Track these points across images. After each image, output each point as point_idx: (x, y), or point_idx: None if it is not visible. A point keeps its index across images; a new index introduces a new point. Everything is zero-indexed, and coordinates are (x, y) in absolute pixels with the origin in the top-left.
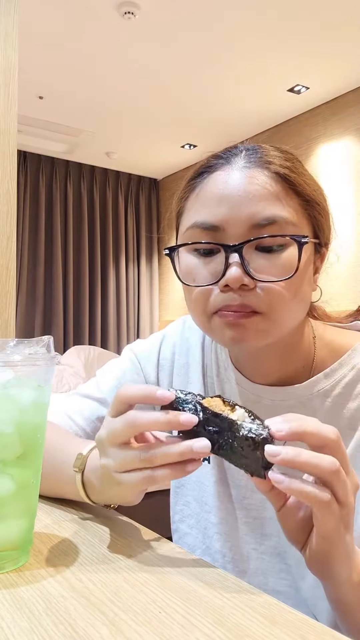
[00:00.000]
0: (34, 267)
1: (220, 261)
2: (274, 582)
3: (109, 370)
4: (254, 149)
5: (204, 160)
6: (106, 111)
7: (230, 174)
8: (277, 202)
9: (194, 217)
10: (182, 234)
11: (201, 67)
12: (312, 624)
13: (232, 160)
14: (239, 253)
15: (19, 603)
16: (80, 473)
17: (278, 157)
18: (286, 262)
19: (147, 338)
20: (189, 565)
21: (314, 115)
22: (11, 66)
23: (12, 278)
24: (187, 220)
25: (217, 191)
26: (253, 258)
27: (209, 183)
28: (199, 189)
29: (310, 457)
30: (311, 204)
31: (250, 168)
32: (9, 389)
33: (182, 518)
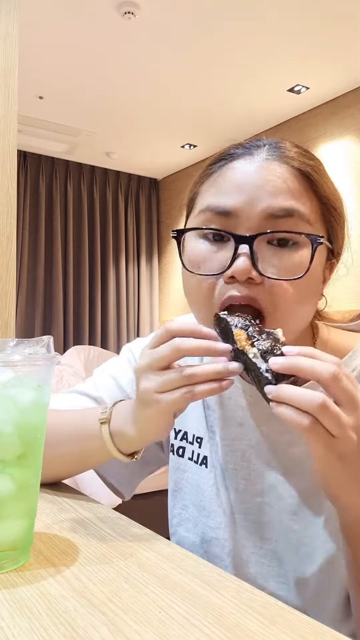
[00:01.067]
0: (34, 267)
1: (229, 250)
2: (274, 586)
3: (107, 369)
4: (277, 144)
5: (225, 149)
6: (106, 111)
7: (251, 164)
8: (296, 197)
9: (207, 200)
10: (194, 217)
11: (201, 67)
12: (312, 624)
13: (254, 151)
14: (249, 245)
15: (19, 603)
16: (107, 424)
17: (301, 154)
18: (297, 261)
19: (146, 338)
20: (189, 565)
21: (314, 115)
22: (11, 66)
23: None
24: (200, 203)
25: (235, 178)
26: (264, 252)
27: (228, 170)
28: (217, 174)
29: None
30: (328, 207)
31: (272, 161)
32: (9, 389)
33: (180, 522)
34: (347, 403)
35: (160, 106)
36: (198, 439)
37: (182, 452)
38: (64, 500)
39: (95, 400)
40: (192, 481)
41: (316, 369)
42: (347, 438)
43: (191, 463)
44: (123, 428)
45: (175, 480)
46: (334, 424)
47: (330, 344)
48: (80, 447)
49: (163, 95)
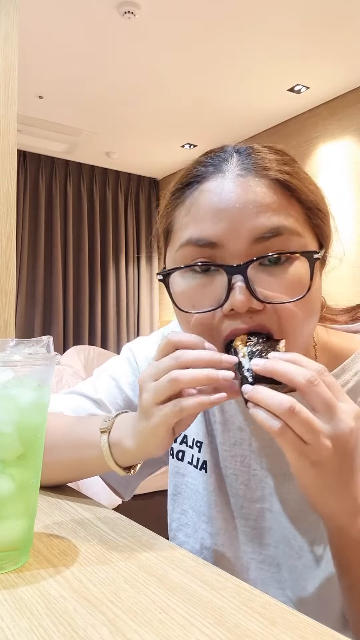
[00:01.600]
0: (34, 267)
1: (222, 282)
2: (273, 592)
3: (107, 370)
4: (246, 152)
5: (189, 168)
6: (106, 111)
7: (224, 184)
8: (280, 211)
9: (187, 233)
10: (175, 253)
11: (201, 67)
12: (312, 624)
13: (223, 167)
14: (242, 274)
15: (19, 603)
16: (107, 433)
17: (275, 160)
18: (295, 278)
19: (148, 337)
20: (189, 566)
21: (314, 115)
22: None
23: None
24: (179, 237)
25: (212, 204)
26: (258, 275)
27: (200, 195)
28: (190, 202)
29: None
30: (314, 211)
31: (245, 176)
32: (9, 389)
33: (179, 527)
34: (324, 410)
35: (160, 106)
36: (198, 443)
37: (182, 456)
38: (63, 500)
39: (94, 402)
40: (192, 486)
41: (290, 373)
42: (320, 445)
43: (191, 467)
44: (123, 439)
45: (175, 484)
46: (305, 430)
47: (330, 346)
48: (78, 454)
49: (163, 95)
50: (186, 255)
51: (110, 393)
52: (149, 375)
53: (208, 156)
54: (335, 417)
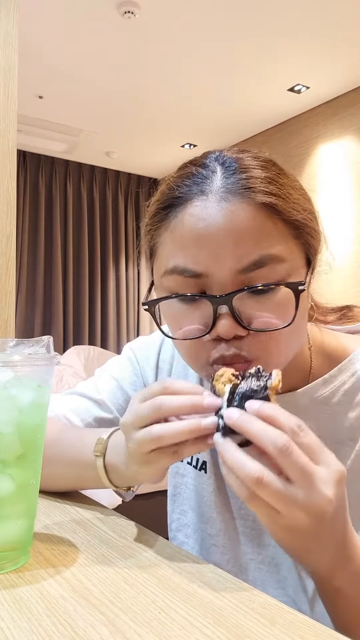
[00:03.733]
0: (34, 267)
1: (208, 309)
2: (272, 592)
3: (108, 370)
4: (231, 168)
5: (170, 185)
6: (106, 111)
7: (207, 209)
8: (264, 239)
9: (172, 260)
10: (160, 278)
11: (201, 67)
12: (312, 624)
13: (206, 187)
14: (228, 305)
15: (19, 603)
16: (102, 457)
17: (260, 179)
18: (281, 305)
19: (149, 337)
20: (189, 566)
21: (314, 115)
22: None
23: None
24: (163, 261)
25: (195, 231)
26: (244, 303)
27: (184, 219)
28: (174, 225)
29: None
30: (301, 229)
31: (228, 200)
32: (9, 389)
33: (179, 527)
34: (298, 479)
35: (160, 106)
36: None
37: None
38: (63, 500)
39: (96, 402)
40: (191, 486)
41: (264, 439)
42: (294, 515)
43: (190, 468)
44: (118, 465)
45: (175, 485)
46: (275, 501)
47: (325, 348)
48: (76, 473)
49: (163, 95)
50: (173, 283)
51: (112, 393)
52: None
53: (190, 173)
54: (312, 487)
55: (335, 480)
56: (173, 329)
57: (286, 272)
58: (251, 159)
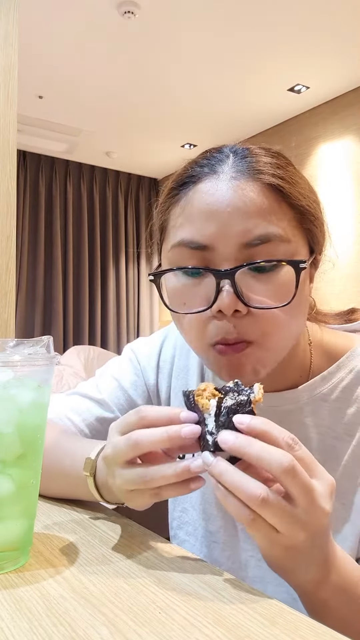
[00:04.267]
0: (34, 267)
1: (211, 284)
2: (272, 589)
3: (109, 370)
4: (242, 154)
5: (186, 167)
6: (106, 111)
7: (217, 186)
8: (270, 218)
9: (180, 233)
10: (167, 252)
11: (201, 66)
12: (312, 624)
13: (218, 168)
14: (230, 279)
15: (19, 603)
16: (92, 477)
17: (269, 164)
18: (282, 285)
19: (149, 337)
20: (189, 566)
21: (314, 114)
22: (11, 65)
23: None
24: (172, 237)
25: (204, 206)
26: (246, 280)
27: (194, 196)
28: (184, 201)
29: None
30: (306, 216)
31: (238, 179)
32: (9, 389)
33: (180, 525)
34: (300, 497)
35: (160, 106)
36: None
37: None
38: (63, 500)
39: (97, 403)
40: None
41: (268, 460)
42: (293, 533)
43: None
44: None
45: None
46: (277, 520)
47: (324, 344)
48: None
49: (163, 95)
50: (178, 256)
51: (113, 393)
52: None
53: (204, 156)
54: (313, 503)
55: (329, 493)
56: (177, 305)
57: (289, 253)
58: (261, 149)
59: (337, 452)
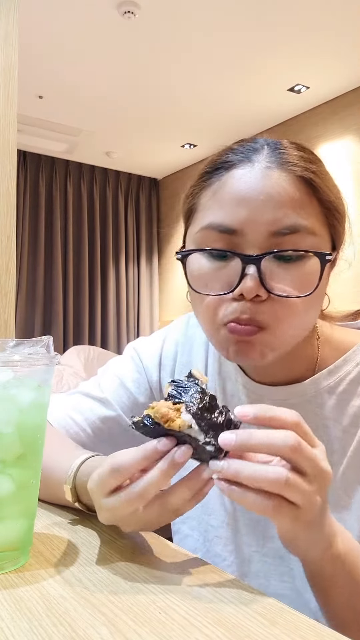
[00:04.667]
0: (34, 267)
1: (236, 268)
2: (275, 585)
3: (111, 369)
4: (276, 145)
5: (220, 153)
6: (106, 111)
7: (251, 174)
8: (300, 209)
9: (209, 216)
10: (194, 234)
11: (201, 66)
12: (312, 624)
13: (252, 157)
14: (256, 265)
15: (19, 603)
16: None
17: (302, 158)
18: (306, 276)
19: (150, 336)
20: (189, 566)
21: (314, 114)
22: (11, 65)
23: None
24: (201, 219)
25: (237, 191)
26: (271, 268)
27: (227, 181)
28: (217, 186)
29: (263, 435)
30: (332, 211)
31: (272, 169)
32: (9, 389)
33: (184, 519)
34: (311, 470)
35: (160, 106)
36: None
37: None
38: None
39: (100, 401)
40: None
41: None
42: (312, 504)
43: (193, 461)
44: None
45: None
46: (299, 496)
47: (333, 339)
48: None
49: (163, 95)
50: (206, 238)
51: (116, 392)
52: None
53: (240, 144)
54: (320, 470)
55: (325, 455)
56: (198, 285)
57: (315, 246)
58: (292, 144)
59: (343, 444)
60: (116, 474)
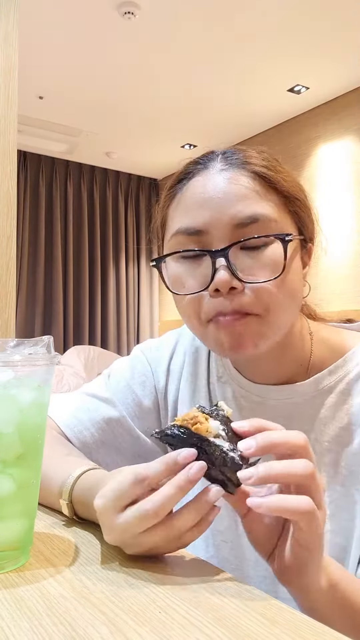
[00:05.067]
0: (34, 268)
1: (208, 266)
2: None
3: (117, 370)
4: (231, 152)
5: (182, 168)
6: (106, 111)
7: (209, 178)
8: (258, 200)
9: (177, 223)
10: (167, 242)
11: (201, 67)
12: (312, 624)
13: (209, 164)
14: (225, 257)
15: (19, 603)
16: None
17: (255, 157)
18: (272, 260)
19: (160, 340)
20: (189, 565)
21: (314, 115)
22: (11, 66)
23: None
24: (170, 228)
25: (197, 195)
26: (239, 259)
27: (188, 189)
28: (180, 195)
29: (283, 467)
30: (291, 200)
31: (228, 170)
32: (9, 389)
33: None
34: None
35: (160, 106)
36: None
37: None
38: None
39: (105, 402)
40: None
41: (290, 439)
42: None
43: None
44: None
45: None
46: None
47: (329, 340)
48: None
49: (163, 95)
50: (177, 243)
51: (121, 392)
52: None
53: (199, 157)
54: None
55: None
56: (177, 287)
57: (277, 231)
58: (248, 147)
59: (345, 442)
60: (139, 485)
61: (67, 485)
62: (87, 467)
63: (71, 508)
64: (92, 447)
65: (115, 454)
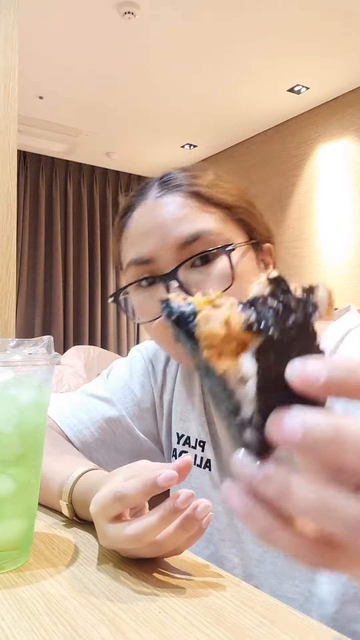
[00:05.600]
0: (34, 268)
1: (162, 290)
2: (288, 587)
3: (116, 371)
4: (167, 176)
5: (126, 201)
6: (106, 111)
7: (147, 207)
8: (196, 218)
9: (128, 256)
10: (123, 276)
11: (201, 67)
12: (312, 624)
13: (147, 194)
14: (175, 279)
15: (19, 603)
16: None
17: (187, 177)
18: (220, 272)
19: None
20: (189, 566)
21: (313, 115)
22: (11, 66)
23: (12, 278)
24: (124, 260)
25: (140, 227)
26: (191, 276)
27: (132, 222)
28: (126, 229)
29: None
30: (234, 210)
31: (163, 196)
32: (9, 389)
33: None
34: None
35: (160, 106)
36: (201, 442)
37: None
38: None
39: (105, 402)
40: (196, 485)
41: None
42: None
43: (194, 467)
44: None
45: (179, 485)
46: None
47: None
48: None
49: (163, 95)
50: (132, 275)
51: (120, 392)
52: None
53: (138, 189)
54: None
55: None
56: (140, 315)
57: (223, 242)
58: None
59: None
60: (118, 503)
61: (67, 486)
62: (87, 467)
63: (71, 509)
64: (92, 447)
65: (115, 453)
